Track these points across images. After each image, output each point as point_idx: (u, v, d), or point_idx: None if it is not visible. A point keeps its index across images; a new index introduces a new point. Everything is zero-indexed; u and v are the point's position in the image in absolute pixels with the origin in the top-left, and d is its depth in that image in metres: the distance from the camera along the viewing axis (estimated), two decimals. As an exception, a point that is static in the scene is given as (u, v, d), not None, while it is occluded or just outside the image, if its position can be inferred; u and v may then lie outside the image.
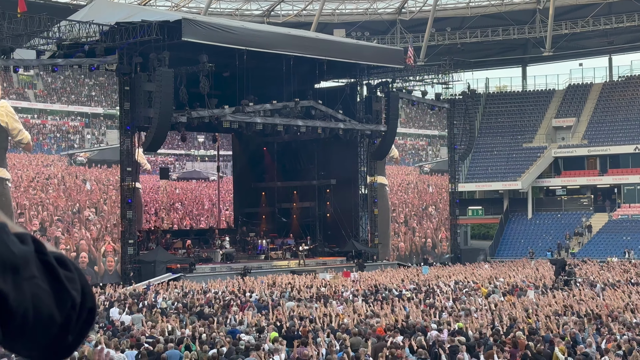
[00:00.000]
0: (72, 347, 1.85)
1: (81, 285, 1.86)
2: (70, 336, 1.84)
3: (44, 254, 1.83)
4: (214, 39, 45.32)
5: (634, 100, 76.74)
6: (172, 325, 24.55)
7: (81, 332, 1.85)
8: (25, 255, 1.80)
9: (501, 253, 68.09)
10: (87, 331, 1.87)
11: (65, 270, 1.84)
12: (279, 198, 59.47)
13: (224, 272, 46.08)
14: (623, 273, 43.58)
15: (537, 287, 37.36)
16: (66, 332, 1.82)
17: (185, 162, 56.94)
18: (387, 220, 57.87)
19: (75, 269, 1.87)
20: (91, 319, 1.86)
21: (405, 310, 27.82)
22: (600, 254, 62.14)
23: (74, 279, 1.85)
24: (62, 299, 1.81)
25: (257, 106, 48.78)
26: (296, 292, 35.05)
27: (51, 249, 1.86)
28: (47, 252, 1.84)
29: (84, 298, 1.85)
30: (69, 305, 1.82)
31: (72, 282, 1.84)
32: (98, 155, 45.37)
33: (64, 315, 1.81)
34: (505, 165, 74.66)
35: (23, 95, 43.91)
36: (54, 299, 1.80)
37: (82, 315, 1.84)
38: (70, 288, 1.83)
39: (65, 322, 1.81)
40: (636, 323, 23.42)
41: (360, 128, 54.44)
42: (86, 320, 1.86)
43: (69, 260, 1.86)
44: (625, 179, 71.27)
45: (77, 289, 1.84)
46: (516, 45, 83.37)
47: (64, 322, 1.81)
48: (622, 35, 79.20)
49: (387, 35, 78.68)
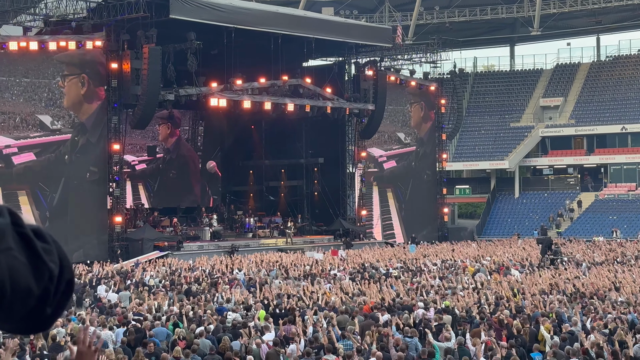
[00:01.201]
0: (50, 319, 1.84)
1: (59, 257, 1.84)
2: (49, 308, 1.83)
3: (21, 226, 1.82)
4: (202, 16, 45.10)
5: (621, 81, 76.84)
6: (160, 302, 24.57)
7: (60, 304, 1.84)
8: (1, 227, 1.78)
9: (488, 232, 68.28)
10: (66, 303, 1.87)
11: (42, 243, 1.83)
12: (266, 176, 59.40)
13: (212, 250, 46.08)
14: (609, 252, 43.79)
15: (523, 266, 37.53)
16: (44, 304, 1.82)
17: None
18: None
19: (53, 241, 1.85)
20: (69, 291, 1.85)
21: (392, 288, 27.91)
22: (586, 233, 62.38)
23: (51, 251, 1.83)
24: (40, 271, 1.80)
25: (245, 84, 48.67)
26: (284, 270, 35.11)
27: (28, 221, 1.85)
28: (23, 224, 1.83)
29: (62, 270, 1.84)
30: (47, 278, 1.81)
31: (50, 254, 1.83)
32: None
33: (41, 287, 1.80)
34: (492, 144, 74.74)
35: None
36: (32, 271, 1.79)
37: (60, 287, 1.84)
38: (47, 260, 1.82)
39: (43, 294, 1.81)
40: (621, 302, 23.56)
41: (349, 107, 54.37)
42: (64, 292, 1.85)
43: (46, 232, 1.85)
44: (611, 158, 71.48)
45: (55, 261, 1.83)
46: (504, 25, 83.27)
47: (41, 294, 1.80)
48: (609, 15, 79.19)
49: (375, 14, 78.46)
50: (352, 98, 55.22)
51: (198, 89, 46.22)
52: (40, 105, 43.88)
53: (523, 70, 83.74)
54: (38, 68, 43.64)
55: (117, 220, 44.69)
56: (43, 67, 43.68)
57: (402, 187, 60.69)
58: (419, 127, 62.58)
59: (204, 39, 44.27)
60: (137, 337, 18.67)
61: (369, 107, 55.32)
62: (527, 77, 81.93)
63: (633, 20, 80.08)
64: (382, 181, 59.84)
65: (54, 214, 43.45)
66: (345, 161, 57.39)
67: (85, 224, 44.10)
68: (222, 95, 47.18)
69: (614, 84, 76.82)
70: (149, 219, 50.03)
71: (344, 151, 57.20)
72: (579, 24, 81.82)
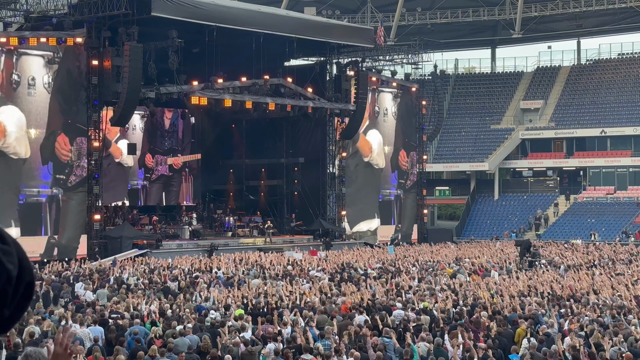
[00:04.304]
0: (9, 321, 1.81)
1: (19, 259, 1.81)
2: (7, 310, 1.79)
3: None
4: (184, 14, 44.98)
5: (601, 84, 77.27)
6: (138, 301, 24.47)
7: (19, 306, 1.80)
8: None
9: (467, 234, 68.47)
10: (26, 306, 1.83)
11: (1, 244, 1.79)
12: (246, 176, 59.30)
13: (191, 248, 45.95)
14: (586, 255, 43.99)
15: (501, 267, 37.66)
16: (2, 306, 1.78)
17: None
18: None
19: (13, 243, 1.82)
20: (29, 293, 1.82)
21: (371, 289, 27.92)
22: (565, 236, 62.68)
23: (10, 252, 1.80)
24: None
25: (226, 83, 48.58)
26: (262, 269, 35.05)
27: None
28: None
29: (22, 272, 1.81)
30: (4, 279, 1.77)
31: (9, 255, 1.79)
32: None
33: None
34: (472, 146, 74.97)
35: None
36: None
37: (19, 289, 1.80)
38: (5, 261, 1.78)
39: (0, 296, 1.77)
40: (597, 304, 23.65)
41: (330, 107, 54.36)
42: (24, 295, 1.81)
43: (6, 233, 1.81)
44: (591, 161, 71.86)
45: (14, 263, 1.79)
46: (486, 27, 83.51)
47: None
48: (590, 18, 79.60)
49: (357, 14, 78.51)
50: (333, 98, 55.21)
51: (179, 87, 46.08)
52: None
53: (504, 73, 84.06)
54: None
55: (96, 217, 44.45)
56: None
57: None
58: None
59: (185, 37, 44.15)
60: (117, 335, 18.62)
61: (350, 108, 55.33)
62: (508, 80, 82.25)
63: (613, 25, 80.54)
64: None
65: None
66: (325, 161, 57.40)
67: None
68: (203, 94, 47.06)
69: (594, 87, 77.25)
70: (128, 217, 49.85)
71: (325, 151, 57.20)
72: (560, 28, 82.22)
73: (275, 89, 51.05)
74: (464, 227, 70.38)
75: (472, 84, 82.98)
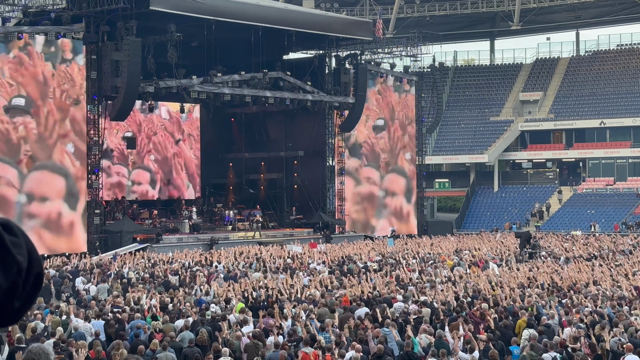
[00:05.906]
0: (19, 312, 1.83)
1: (28, 250, 1.83)
2: (17, 302, 1.81)
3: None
4: (182, 8, 44.93)
5: (600, 75, 77.24)
6: (139, 295, 24.49)
7: (28, 297, 1.82)
8: None
9: (467, 226, 68.51)
10: (35, 296, 1.85)
11: (11, 236, 1.81)
12: (246, 169, 59.27)
13: (191, 242, 45.99)
14: (586, 246, 44.01)
15: (501, 259, 37.69)
16: (12, 297, 1.80)
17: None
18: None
19: (22, 235, 1.84)
20: (38, 284, 1.84)
21: (371, 281, 27.95)
22: (565, 227, 62.73)
23: (20, 244, 1.82)
24: (8, 264, 1.78)
25: (225, 77, 48.53)
26: (263, 263, 35.06)
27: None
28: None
29: (31, 263, 1.83)
30: (15, 271, 1.79)
31: (18, 247, 1.81)
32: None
33: (9, 281, 1.78)
34: (472, 138, 74.96)
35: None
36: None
37: (28, 280, 1.82)
38: (15, 253, 1.80)
39: (11, 287, 1.79)
40: (598, 295, 23.68)
41: (329, 100, 54.32)
42: (33, 286, 1.83)
43: (15, 225, 1.83)
44: (590, 153, 71.88)
45: (24, 255, 1.81)
46: (484, 19, 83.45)
47: (9, 288, 1.79)
48: (589, 10, 79.56)
49: (356, 7, 78.44)
50: (333, 91, 55.18)
51: (178, 81, 46.05)
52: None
53: (503, 65, 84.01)
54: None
55: (96, 212, 44.43)
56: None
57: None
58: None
59: (184, 31, 44.10)
60: (118, 329, 18.64)
61: (349, 101, 55.31)
62: (507, 72, 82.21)
63: (612, 16, 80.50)
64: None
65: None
66: (325, 154, 57.41)
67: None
68: (202, 88, 47.03)
69: (593, 78, 77.21)
70: (128, 211, 49.86)
71: (324, 144, 57.20)
72: (558, 19, 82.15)
73: (274, 82, 51.01)
74: (463, 219, 70.41)
75: (471, 76, 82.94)
